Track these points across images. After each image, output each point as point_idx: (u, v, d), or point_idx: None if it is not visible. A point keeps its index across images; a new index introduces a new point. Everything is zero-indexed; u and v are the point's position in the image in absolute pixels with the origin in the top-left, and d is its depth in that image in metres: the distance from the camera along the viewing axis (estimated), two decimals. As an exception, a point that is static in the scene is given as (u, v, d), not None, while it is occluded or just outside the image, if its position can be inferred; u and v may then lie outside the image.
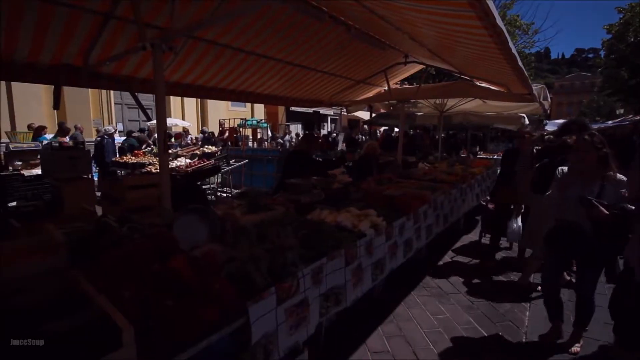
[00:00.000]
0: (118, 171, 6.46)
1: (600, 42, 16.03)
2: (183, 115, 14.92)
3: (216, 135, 12.35)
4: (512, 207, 4.07)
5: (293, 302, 1.55)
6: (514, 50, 2.01)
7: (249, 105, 17.43)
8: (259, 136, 14.79)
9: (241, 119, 12.81)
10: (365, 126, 17.14)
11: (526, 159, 3.71)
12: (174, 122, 12.67)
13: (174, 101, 14.40)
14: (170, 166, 5.16)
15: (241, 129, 11.83)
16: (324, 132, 21.47)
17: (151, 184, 3.25)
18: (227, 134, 11.64)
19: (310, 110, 19.46)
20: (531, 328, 2.69)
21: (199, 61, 3.69)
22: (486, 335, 2.59)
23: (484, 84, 5.36)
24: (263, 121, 14.30)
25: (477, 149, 12.02)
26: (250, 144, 12.48)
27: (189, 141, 10.40)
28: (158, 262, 1.45)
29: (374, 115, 12.30)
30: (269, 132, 15.54)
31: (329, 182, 3.68)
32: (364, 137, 15.26)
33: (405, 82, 10.76)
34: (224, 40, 3.44)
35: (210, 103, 15.91)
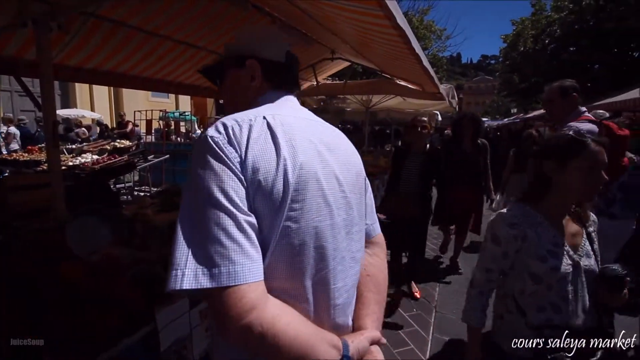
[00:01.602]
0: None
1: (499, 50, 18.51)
2: (92, 106, 13.17)
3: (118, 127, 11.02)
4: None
5: (210, 302, 1.48)
6: (418, 50, 2.20)
7: (172, 96, 16.12)
8: (183, 130, 13.81)
9: (161, 110, 11.81)
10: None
11: (417, 158, 2.84)
12: (80, 113, 11.12)
13: (80, 89, 12.62)
14: (73, 163, 4.53)
15: (161, 122, 10.85)
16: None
17: (43, 184, 2.79)
18: (130, 126, 10.39)
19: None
20: (440, 302, 3.02)
21: (104, 44, 3.27)
22: (404, 313, 2.83)
23: (402, 82, 5.78)
24: (188, 113, 13.33)
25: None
26: (173, 138, 11.57)
27: (75, 135, 8.93)
28: (44, 271, 1.27)
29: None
30: (197, 126, 14.60)
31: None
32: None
33: (336, 78, 11.09)
34: (134, 21, 3.10)
35: (127, 93, 14.31)
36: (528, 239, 1.15)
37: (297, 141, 0.67)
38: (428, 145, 2.94)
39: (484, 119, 22.67)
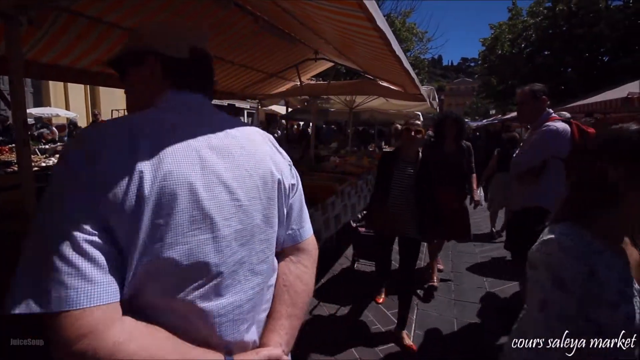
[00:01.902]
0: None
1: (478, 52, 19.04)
2: (67, 104, 12.67)
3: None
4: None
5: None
6: (398, 52, 2.23)
7: (153, 95, 15.68)
8: (165, 129, 13.49)
9: (139, 109, 11.48)
10: (283, 121, 17.17)
11: (408, 168, 2.48)
12: (54, 112, 10.69)
13: (55, 87, 12.13)
14: (46, 164, 4.36)
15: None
16: (239, 126, 20.68)
17: (13, 186, 2.67)
18: None
19: (225, 103, 18.56)
20: (421, 298, 3.08)
21: (79, 40, 3.15)
22: (387, 311, 2.87)
23: (385, 83, 5.85)
24: (169, 113, 13.00)
25: (383, 143, 13.14)
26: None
27: (41, 136, 8.47)
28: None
29: (290, 110, 12.42)
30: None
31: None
32: (279, 132, 15.23)
33: (320, 78, 11.10)
34: (111, 18, 3.00)
35: (104, 91, 13.84)
36: (595, 277, 0.78)
37: (168, 149, 0.62)
38: (421, 153, 2.49)
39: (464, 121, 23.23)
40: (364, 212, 4.06)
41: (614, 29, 11.33)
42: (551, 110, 2.35)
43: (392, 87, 5.81)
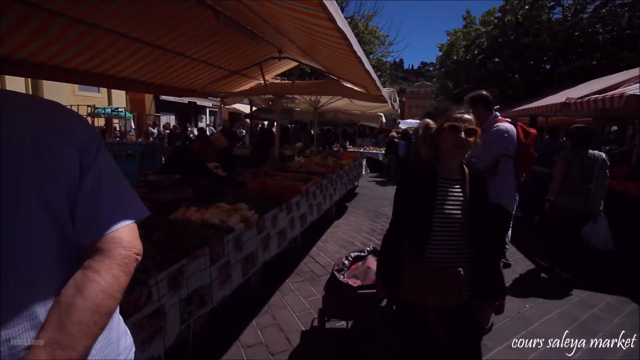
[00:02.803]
0: None
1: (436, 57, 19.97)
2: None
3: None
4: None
5: (144, 314, 1.38)
6: (359, 53, 2.28)
7: (104, 90, 14.66)
8: (117, 127, 12.68)
9: (89, 106, 10.70)
10: (248, 120, 16.84)
11: (457, 192, 1.72)
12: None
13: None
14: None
15: (89, 119, 9.84)
16: (201, 124, 20.00)
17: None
18: None
19: (185, 100, 17.79)
20: (385, 295, 3.17)
21: (16, 29, 2.86)
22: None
23: (349, 84, 5.95)
24: (122, 110, 12.24)
25: (348, 143, 13.36)
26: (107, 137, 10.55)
27: None
28: None
29: (254, 109, 12.21)
30: (133, 124, 13.46)
31: (200, 178, 3.45)
32: (244, 131, 14.93)
33: (285, 78, 11.02)
34: (54, 6, 2.75)
35: (48, 85, 12.68)
36: None
37: None
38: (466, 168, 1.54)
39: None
40: (373, 264, 2.47)
41: (555, 39, 12.44)
42: (497, 113, 2.51)
43: (355, 88, 5.91)
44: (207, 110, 23.19)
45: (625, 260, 3.91)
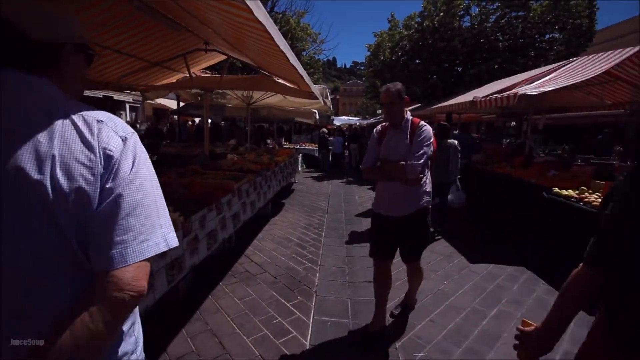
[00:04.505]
0: None
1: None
2: None
3: None
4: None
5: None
6: (283, 47, 2.27)
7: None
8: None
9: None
10: (175, 116, 15.66)
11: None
12: None
13: None
14: None
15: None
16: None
17: None
18: None
19: (99, 94, 15.84)
20: (320, 286, 3.25)
21: None
22: (287, 303, 2.92)
23: (281, 80, 5.89)
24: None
25: (283, 140, 13.30)
26: None
27: None
28: None
29: (182, 104, 11.39)
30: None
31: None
32: (169, 127, 13.87)
33: (215, 72, 10.46)
34: None
35: None
36: None
37: None
38: None
39: (356, 119, 25.41)
40: None
41: (465, 44, 13.94)
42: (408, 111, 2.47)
43: (287, 84, 5.89)
44: (127, 105, 20.94)
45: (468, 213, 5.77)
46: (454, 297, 3.10)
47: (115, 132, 0.72)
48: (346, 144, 13.58)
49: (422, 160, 2.23)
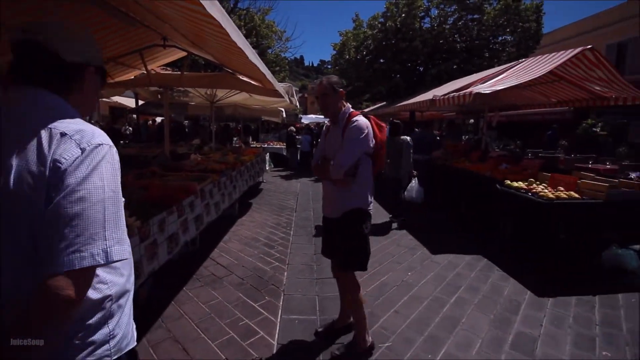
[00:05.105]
0: None
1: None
2: None
3: None
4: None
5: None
6: (240, 43, 2.22)
7: None
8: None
9: None
10: (134, 115, 14.84)
11: None
12: None
13: None
14: None
15: None
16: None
17: None
18: None
19: (47, 92, 14.62)
20: (288, 285, 3.24)
21: None
22: (254, 304, 2.89)
23: (245, 78, 5.78)
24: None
25: (250, 139, 13.09)
26: None
27: None
28: None
29: (141, 103, 10.82)
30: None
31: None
32: (130, 129, 13.17)
33: (176, 69, 10.03)
34: None
35: None
36: None
37: None
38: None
39: (324, 117, 25.48)
40: None
41: (425, 45, 14.47)
42: (349, 105, 2.31)
43: (252, 82, 5.78)
44: (80, 104, 19.52)
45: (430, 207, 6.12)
46: (417, 287, 3.22)
47: (77, 145, 0.76)
48: (314, 142, 13.63)
49: (348, 160, 2.09)
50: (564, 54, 4.69)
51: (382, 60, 15.85)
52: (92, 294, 0.80)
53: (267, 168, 9.90)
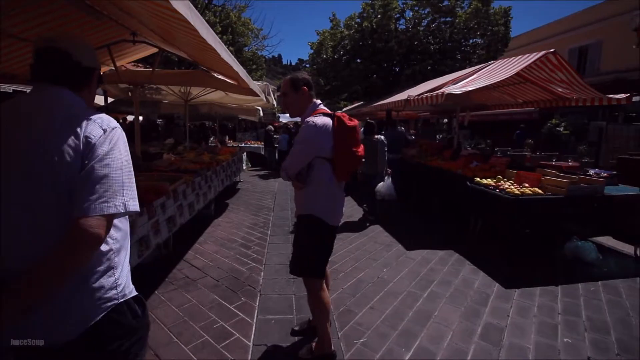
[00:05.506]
0: None
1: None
2: None
3: None
4: None
5: None
6: (211, 41, 2.18)
7: None
8: None
9: None
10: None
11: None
12: None
13: None
14: None
15: None
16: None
17: None
18: None
19: (9, 89, 13.73)
20: (264, 285, 3.22)
21: None
22: (230, 306, 2.85)
23: (220, 76, 5.66)
24: None
25: (227, 138, 12.85)
26: None
27: None
28: None
29: (110, 100, 10.36)
30: None
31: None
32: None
33: (148, 65, 9.67)
34: None
35: None
36: None
37: None
38: None
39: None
40: None
41: (400, 46, 14.76)
42: (318, 102, 2.15)
43: (227, 80, 5.68)
44: (44, 102, 18.45)
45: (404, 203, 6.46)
46: (392, 283, 3.29)
47: (99, 126, 0.99)
48: (292, 141, 13.55)
49: (292, 164, 1.99)
50: (529, 57, 4.92)
51: (359, 60, 16.00)
52: (101, 245, 0.98)
53: (244, 167, 9.77)
